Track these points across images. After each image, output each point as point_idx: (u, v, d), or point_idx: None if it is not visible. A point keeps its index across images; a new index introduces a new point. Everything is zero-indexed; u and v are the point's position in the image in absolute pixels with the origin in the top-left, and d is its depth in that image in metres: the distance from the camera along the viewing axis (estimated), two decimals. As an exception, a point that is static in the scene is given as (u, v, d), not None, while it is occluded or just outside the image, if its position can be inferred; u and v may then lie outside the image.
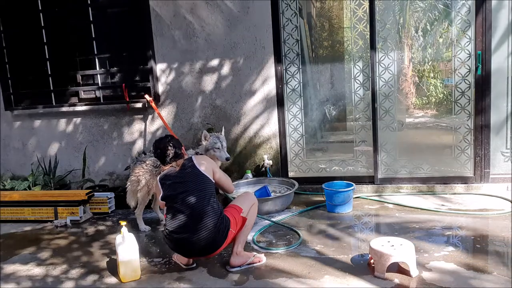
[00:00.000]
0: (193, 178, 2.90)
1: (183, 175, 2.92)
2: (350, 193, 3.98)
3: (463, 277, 2.63)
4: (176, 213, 2.85)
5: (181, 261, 3.05)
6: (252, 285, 2.73)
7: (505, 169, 4.28)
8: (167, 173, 2.99)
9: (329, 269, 2.84)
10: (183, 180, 2.90)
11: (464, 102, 4.29)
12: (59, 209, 4.30)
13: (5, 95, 5.30)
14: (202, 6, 4.63)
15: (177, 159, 3.01)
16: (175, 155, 3.00)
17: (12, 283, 3.01)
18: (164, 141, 3.02)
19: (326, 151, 5.23)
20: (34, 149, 5.36)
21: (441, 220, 3.60)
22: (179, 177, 2.92)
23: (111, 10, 4.92)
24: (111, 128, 5.11)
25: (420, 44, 4.98)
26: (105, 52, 4.98)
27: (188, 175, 2.91)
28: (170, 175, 2.96)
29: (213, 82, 4.75)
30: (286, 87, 4.69)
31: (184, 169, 2.96)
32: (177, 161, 3.01)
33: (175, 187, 2.89)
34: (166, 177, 2.97)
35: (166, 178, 2.96)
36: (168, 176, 2.96)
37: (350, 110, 4.94)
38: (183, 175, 2.92)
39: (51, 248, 3.62)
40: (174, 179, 2.92)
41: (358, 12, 4.45)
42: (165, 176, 2.98)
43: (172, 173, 2.97)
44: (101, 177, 5.17)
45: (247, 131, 4.77)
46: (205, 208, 2.81)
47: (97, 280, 2.96)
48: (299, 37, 4.61)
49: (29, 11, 5.08)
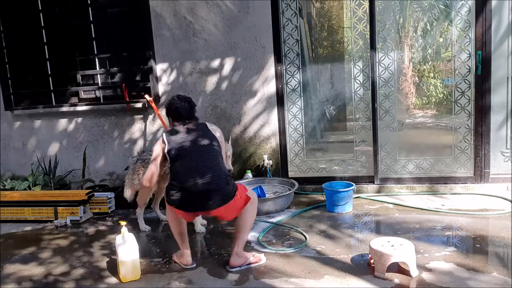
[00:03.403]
0: (206, 138, 2.90)
1: (196, 133, 2.90)
2: (350, 193, 3.98)
3: (463, 277, 2.63)
4: (186, 165, 2.82)
5: (181, 261, 3.05)
6: (252, 285, 2.73)
7: (505, 169, 4.28)
8: (175, 130, 2.95)
9: (329, 269, 2.85)
10: (195, 138, 2.87)
11: (464, 102, 4.29)
12: (59, 209, 4.30)
13: (5, 95, 5.31)
14: (202, 6, 4.63)
15: (192, 118, 3.00)
16: (192, 112, 3.00)
17: (12, 283, 3.01)
18: (185, 97, 3.03)
19: (326, 151, 5.23)
20: (34, 149, 5.36)
21: (441, 220, 3.60)
22: (191, 134, 2.90)
23: (111, 10, 4.92)
24: (111, 128, 5.11)
25: (420, 44, 4.98)
26: (105, 52, 4.98)
27: (200, 134, 2.90)
28: (179, 131, 2.92)
29: (213, 82, 4.75)
30: (286, 87, 4.69)
31: (196, 129, 2.94)
32: (191, 120, 2.99)
33: (185, 141, 2.86)
34: (174, 132, 2.93)
35: (174, 133, 2.92)
36: (176, 132, 2.92)
37: (350, 110, 4.93)
38: (195, 133, 2.90)
39: (51, 248, 3.62)
40: (185, 135, 2.89)
41: (358, 12, 4.45)
42: (173, 131, 2.93)
43: (181, 130, 2.93)
44: (101, 177, 5.18)
45: (247, 131, 4.77)
46: (218, 162, 2.86)
47: (97, 280, 2.96)
48: (299, 37, 4.61)
49: (29, 11, 5.08)
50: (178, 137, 2.91)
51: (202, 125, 3.01)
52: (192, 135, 2.91)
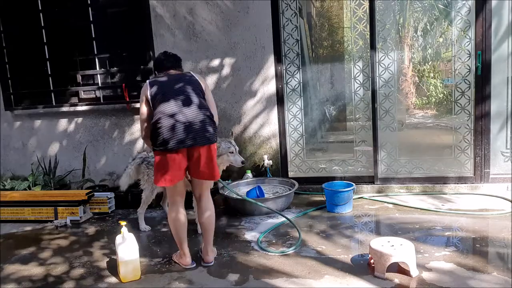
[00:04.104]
0: (190, 84, 2.91)
1: (180, 79, 2.92)
2: (350, 193, 3.98)
3: (463, 277, 2.63)
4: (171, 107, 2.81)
5: (181, 262, 3.05)
6: (252, 285, 2.73)
7: (505, 169, 4.28)
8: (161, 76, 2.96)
9: (329, 269, 2.84)
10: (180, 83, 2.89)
11: (464, 102, 4.29)
12: (59, 209, 4.29)
13: (5, 95, 5.31)
14: (202, 6, 4.63)
15: (177, 66, 3.04)
16: (177, 60, 3.04)
17: (12, 283, 3.01)
18: (172, 54, 3.09)
19: (326, 151, 5.24)
20: (34, 149, 5.36)
21: (441, 220, 3.60)
22: (175, 77, 2.93)
23: (111, 10, 4.92)
24: (111, 128, 5.11)
25: (420, 44, 4.98)
26: (105, 52, 4.98)
27: (185, 80, 2.92)
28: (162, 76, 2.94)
29: (213, 82, 4.75)
30: (286, 87, 4.69)
31: (182, 76, 2.96)
32: (176, 67, 3.03)
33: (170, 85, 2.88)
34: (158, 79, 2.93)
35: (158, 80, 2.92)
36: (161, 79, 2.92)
37: (350, 110, 4.94)
38: (179, 79, 2.93)
39: (51, 248, 3.62)
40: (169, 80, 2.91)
41: (358, 12, 4.45)
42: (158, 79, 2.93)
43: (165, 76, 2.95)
44: (101, 177, 5.17)
45: (247, 131, 4.77)
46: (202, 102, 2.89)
47: (97, 280, 2.96)
48: (299, 37, 4.61)
49: (29, 11, 5.08)
50: (163, 80, 2.92)
51: (187, 73, 3.03)
52: (176, 78, 2.93)
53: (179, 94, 2.85)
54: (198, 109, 2.85)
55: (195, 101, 2.86)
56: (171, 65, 3.02)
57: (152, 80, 2.95)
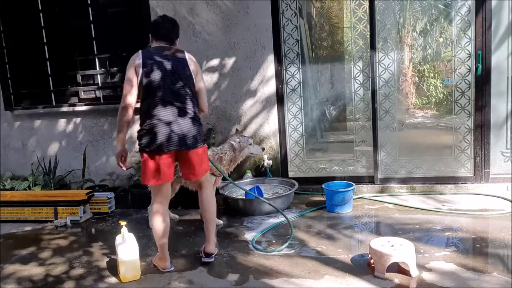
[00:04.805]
0: (185, 79, 2.84)
1: (176, 69, 2.79)
2: (350, 193, 3.98)
3: (463, 277, 2.63)
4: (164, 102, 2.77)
5: (159, 265, 3.03)
6: (252, 285, 2.73)
7: (505, 169, 4.28)
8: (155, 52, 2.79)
9: (329, 269, 2.84)
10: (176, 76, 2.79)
11: (464, 102, 4.29)
12: (59, 209, 4.29)
13: (5, 95, 5.31)
14: (202, 6, 4.63)
15: (175, 38, 2.91)
16: (174, 26, 2.91)
17: (12, 283, 3.01)
18: (171, 19, 2.94)
19: (326, 151, 5.23)
20: (34, 149, 5.36)
21: (441, 220, 3.60)
22: (172, 72, 2.78)
23: (111, 10, 4.92)
24: (111, 128, 5.11)
25: (420, 44, 4.98)
26: (105, 52, 4.98)
27: (180, 71, 2.81)
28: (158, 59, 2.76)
29: (213, 82, 4.75)
30: (286, 87, 4.69)
31: (175, 57, 2.82)
32: (173, 40, 2.90)
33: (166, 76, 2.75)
34: (154, 57, 2.76)
35: (154, 60, 2.75)
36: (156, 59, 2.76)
37: (350, 110, 4.93)
38: (173, 64, 2.78)
39: (51, 248, 3.62)
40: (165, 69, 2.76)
41: (358, 12, 4.45)
42: (153, 57, 2.76)
43: (161, 56, 2.78)
44: (101, 177, 5.17)
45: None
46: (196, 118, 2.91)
47: (97, 280, 2.96)
48: (299, 37, 4.61)
49: (29, 11, 5.08)
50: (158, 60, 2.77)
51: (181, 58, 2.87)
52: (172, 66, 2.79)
53: (177, 99, 2.81)
54: (192, 124, 2.86)
55: (190, 112, 2.85)
56: (166, 32, 2.87)
57: (146, 53, 2.79)
